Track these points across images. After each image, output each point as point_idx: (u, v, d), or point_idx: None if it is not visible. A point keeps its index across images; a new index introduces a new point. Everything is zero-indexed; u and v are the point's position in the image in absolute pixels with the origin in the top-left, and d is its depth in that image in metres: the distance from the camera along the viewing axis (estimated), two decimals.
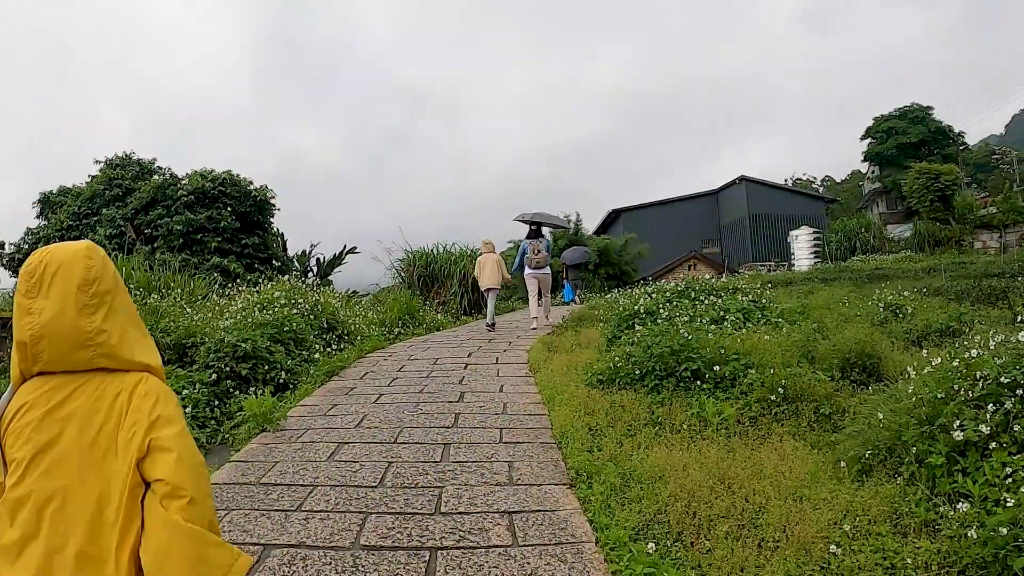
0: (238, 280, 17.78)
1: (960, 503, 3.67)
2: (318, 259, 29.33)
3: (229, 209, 25.10)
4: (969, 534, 3.37)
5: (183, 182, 25.88)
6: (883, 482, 4.43)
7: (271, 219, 27.51)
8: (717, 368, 7.11)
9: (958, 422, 4.15)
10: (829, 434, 6.05)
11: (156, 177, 26.59)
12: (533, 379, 8.49)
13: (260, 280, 13.73)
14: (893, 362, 8.04)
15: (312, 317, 11.45)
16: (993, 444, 3.96)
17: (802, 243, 37.64)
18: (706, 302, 10.69)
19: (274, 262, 26.29)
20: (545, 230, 14.83)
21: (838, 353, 7.83)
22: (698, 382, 7.14)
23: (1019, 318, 5.75)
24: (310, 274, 28.90)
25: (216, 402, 8.01)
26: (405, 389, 8.08)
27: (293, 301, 11.33)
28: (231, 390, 8.27)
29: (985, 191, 55.04)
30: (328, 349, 10.70)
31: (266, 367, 8.66)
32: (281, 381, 8.73)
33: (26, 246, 27.73)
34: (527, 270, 14.00)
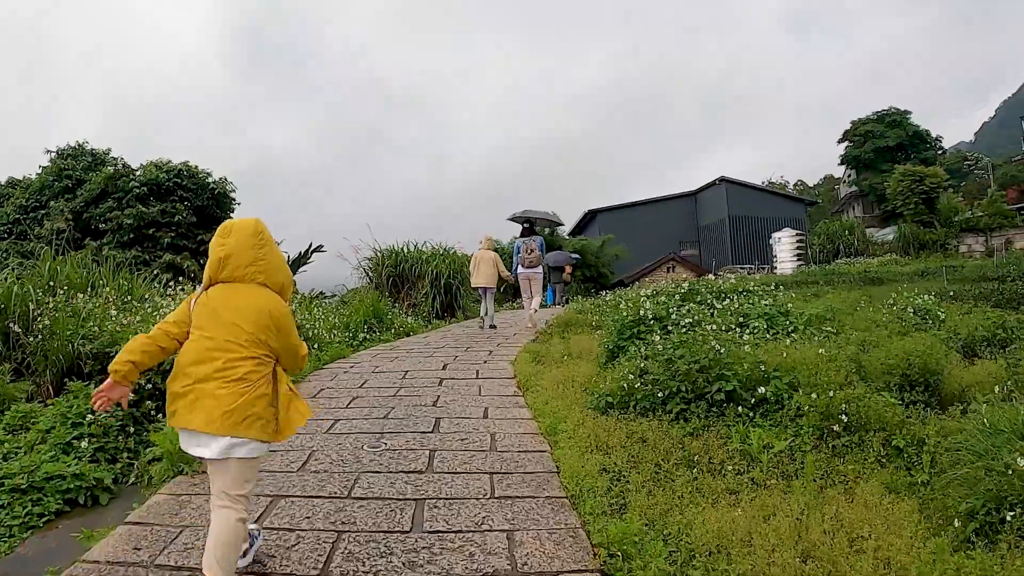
0: (193, 279, 16.13)
1: None
2: None
3: (185, 203, 23.34)
4: None
5: (137, 173, 24.11)
6: (1019, 550, 3.23)
7: (231, 213, 25.75)
8: (761, 389, 5.69)
9: None
10: (904, 472, 4.75)
11: (108, 168, 24.71)
12: (523, 399, 6.98)
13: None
14: (952, 377, 6.74)
15: None
16: None
17: (785, 245, 36.52)
18: (719, 306, 9.26)
19: None
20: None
21: (896, 368, 6.47)
22: (734, 406, 5.73)
23: None
24: None
25: (133, 428, 6.46)
26: (367, 413, 6.53)
27: None
28: (153, 412, 6.70)
29: (959, 196, 54.63)
30: None
31: None
32: None
33: None
34: (520, 269, 13.56)
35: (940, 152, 59.22)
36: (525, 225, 13.89)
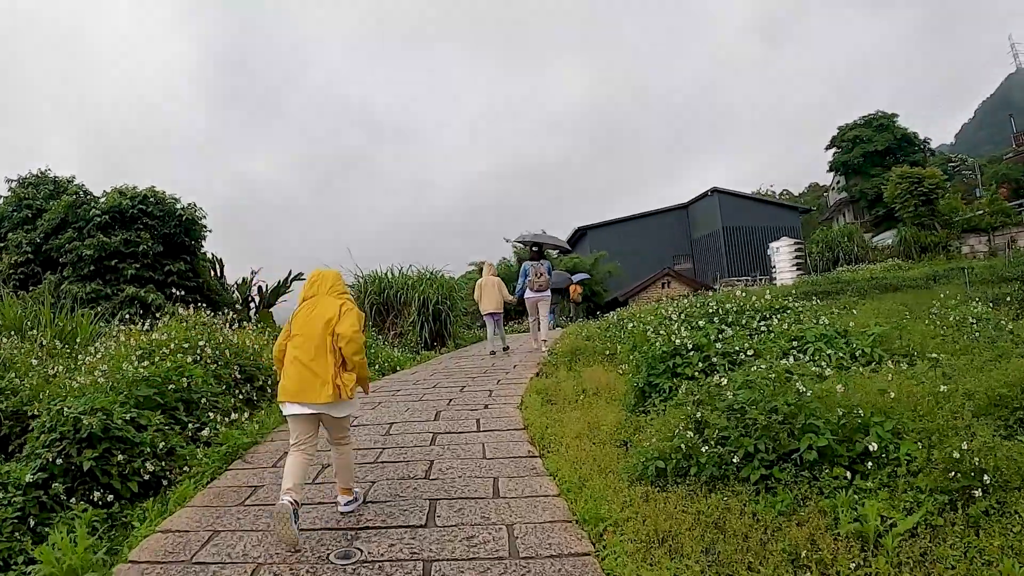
0: (157, 313, 14.59)
1: None
2: (260, 287, 26.00)
3: (151, 231, 21.65)
4: None
5: (100, 201, 22.42)
6: None
7: (201, 242, 24.05)
8: (873, 445, 4.23)
9: None
10: None
11: (68, 196, 22.98)
12: (541, 463, 5.40)
13: (165, 313, 10.54)
14: None
15: (220, 364, 8.32)
16: None
17: (783, 255, 35.27)
18: (762, 327, 7.76)
19: (205, 291, 22.85)
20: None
21: (1016, 400, 5.01)
22: (828, 466, 4.28)
23: None
24: (252, 304, 25.80)
25: (35, 519, 4.92)
26: (338, 494, 4.96)
27: (198, 344, 8.19)
28: (64, 496, 5.16)
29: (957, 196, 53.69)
30: (233, 415, 7.26)
31: (120, 455, 5.51)
32: (148, 476, 5.62)
33: None
34: (529, 293, 13.00)
35: (929, 154, 58.33)
36: (534, 249, 13.42)
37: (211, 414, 6.93)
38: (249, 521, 4.46)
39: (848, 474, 4.22)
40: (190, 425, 6.67)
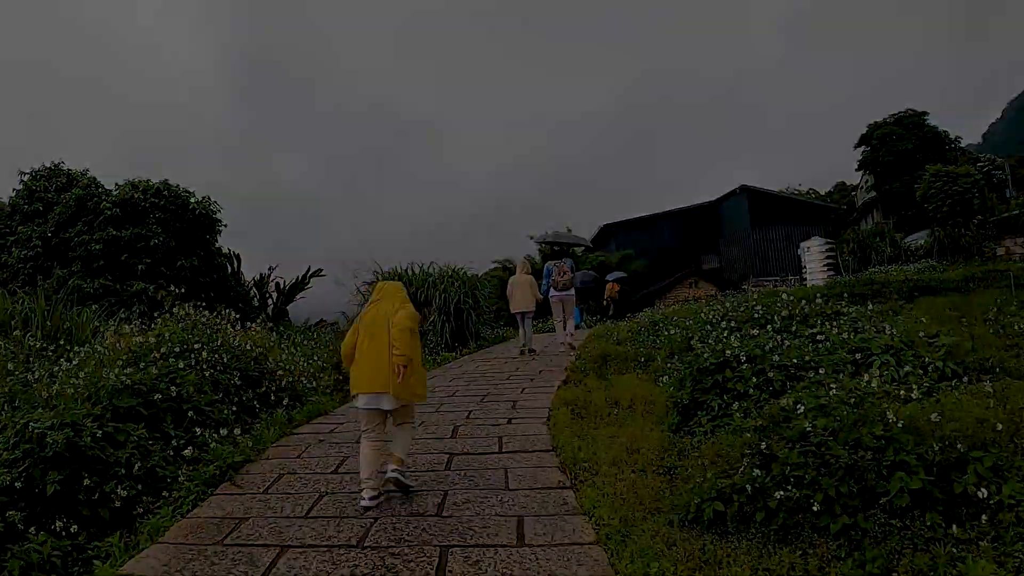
0: (155, 312, 13.94)
1: None
2: (277, 284, 25.40)
3: (164, 225, 21.06)
4: None
5: (112, 194, 21.87)
6: None
7: (216, 236, 23.46)
8: (983, 490, 3.45)
9: None
10: None
11: (77, 189, 22.38)
12: (574, 497, 4.60)
13: (167, 310, 9.80)
14: None
15: (218, 369, 7.59)
16: None
17: (814, 255, 34.12)
18: (818, 336, 6.88)
19: (219, 286, 22.26)
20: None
21: None
22: (919, 511, 3.50)
23: None
24: (269, 301, 25.25)
25: None
26: (333, 533, 4.16)
27: (193, 347, 7.47)
28: (20, 524, 4.45)
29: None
30: (223, 431, 6.33)
31: (87, 479, 4.80)
32: (120, 503, 4.90)
33: None
34: (552, 292, 12.78)
35: (960, 153, 56.86)
36: (555, 248, 12.44)
37: (198, 429, 6.16)
38: (223, 569, 3.70)
39: (941, 520, 3.46)
40: (174, 441, 5.92)
